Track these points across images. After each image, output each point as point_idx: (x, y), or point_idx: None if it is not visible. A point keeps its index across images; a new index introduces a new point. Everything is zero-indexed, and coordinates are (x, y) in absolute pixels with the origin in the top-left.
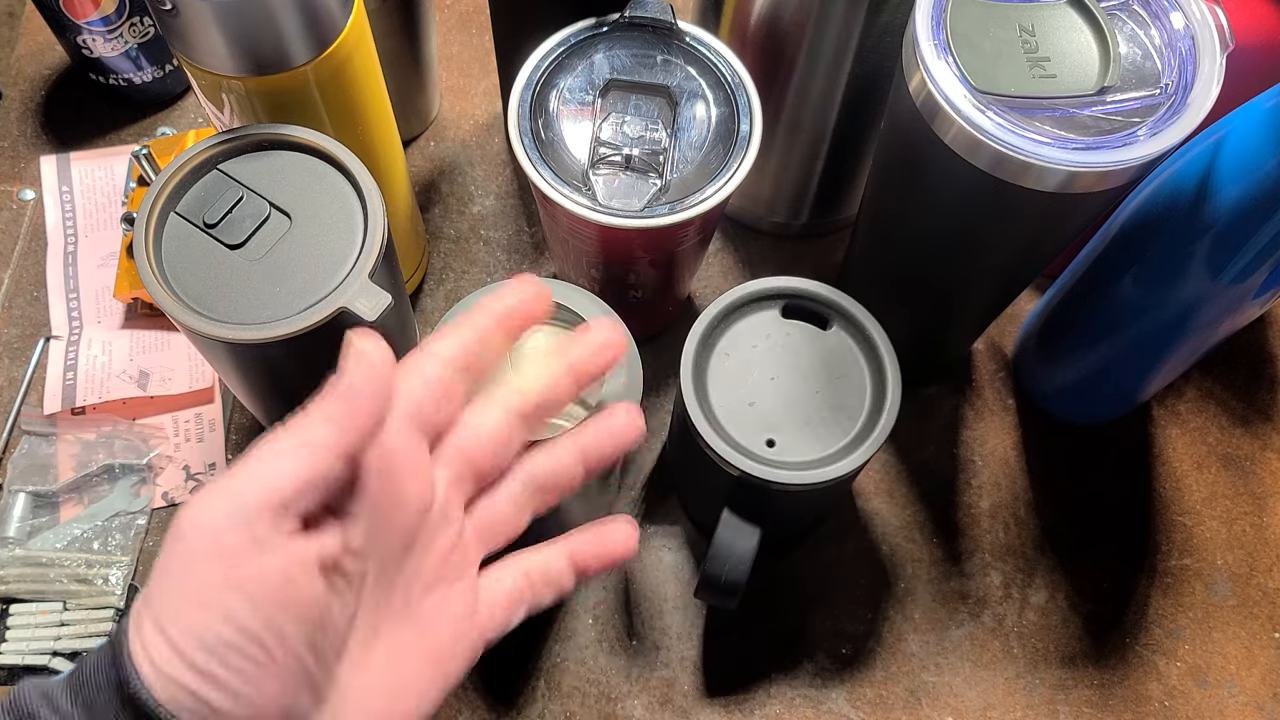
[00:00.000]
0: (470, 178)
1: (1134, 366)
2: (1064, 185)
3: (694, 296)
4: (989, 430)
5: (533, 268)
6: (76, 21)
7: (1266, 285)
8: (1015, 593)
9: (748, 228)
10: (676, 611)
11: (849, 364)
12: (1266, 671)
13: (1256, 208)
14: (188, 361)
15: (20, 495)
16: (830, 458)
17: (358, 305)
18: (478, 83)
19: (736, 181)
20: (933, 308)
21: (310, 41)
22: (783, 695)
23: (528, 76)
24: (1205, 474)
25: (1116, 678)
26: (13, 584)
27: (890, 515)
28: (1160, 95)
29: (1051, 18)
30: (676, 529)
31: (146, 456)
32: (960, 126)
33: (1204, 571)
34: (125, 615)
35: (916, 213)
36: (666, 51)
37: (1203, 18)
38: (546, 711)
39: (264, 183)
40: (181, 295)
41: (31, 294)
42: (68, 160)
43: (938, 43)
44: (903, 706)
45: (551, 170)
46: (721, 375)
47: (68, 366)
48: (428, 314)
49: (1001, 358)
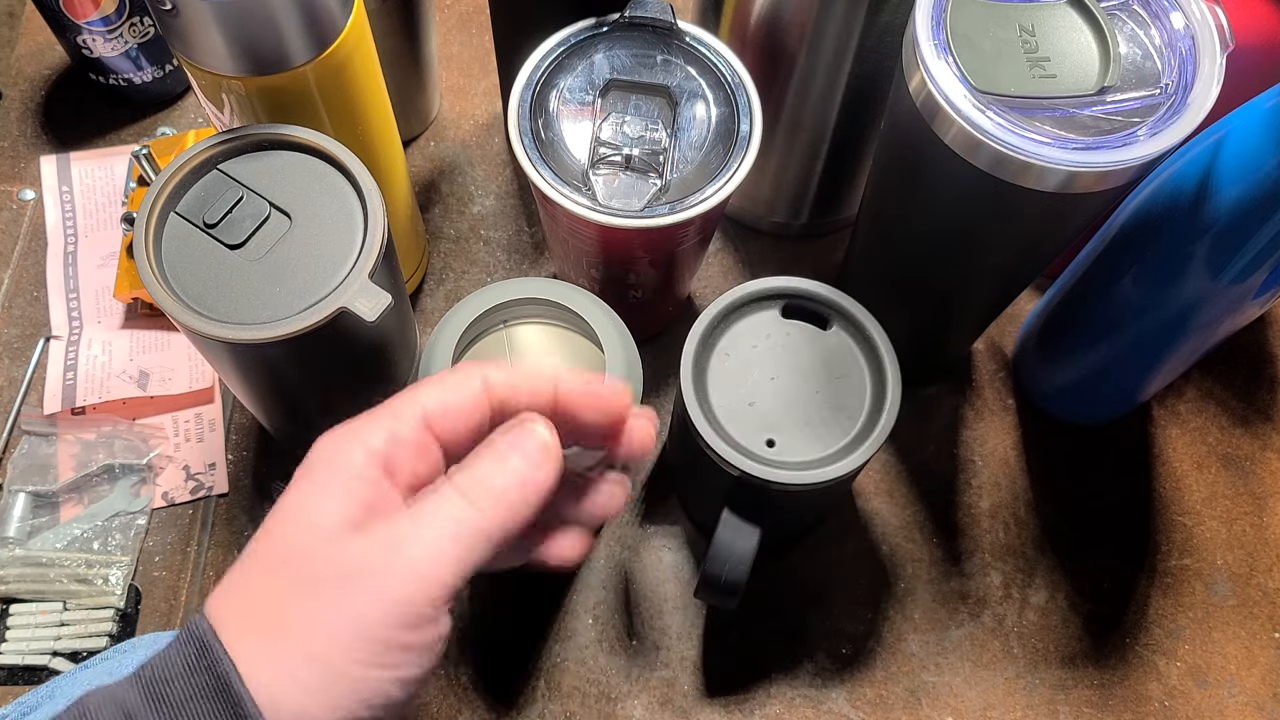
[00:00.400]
0: (470, 178)
1: (1134, 366)
2: (1064, 185)
3: (694, 296)
4: (989, 430)
5: (533, 268)
6: (76, 21)
7: (1266, 285)
8: (1015, 593)
9: (748, 228)
10: (676, 611)
11: (849, 364)
12: (1266, 671)
13: (1256, 208)
14: (188, 361)
15: (20, 495)
16: (830, 458)
17: (358, 305)
18: (478, 83)
19: (736, 181)
20: (933, 308)
21: (310, 41)
22: (783, 695)
23: (528, 76)
24: (1205, 474)
25: (1116, 678)
26: (13, 584)
27: (890, 515)
28: (1160, 95)
29: (1051, 18)
30: (676, 529)
31: (146, 456)
32: (960, 126)
33: (1204, 571)
34: (206, 623)
35: (916, 213)
36: (666, 51)
37: (1203, 18)
38: (546, 711)
39: (264, 183)
40: (181, 295)
41: (31, 294)
42: (68, 160)
43: (938, 43)
44: (903, 706)
45: (551, 170)
46: (721, 375)
47: (68, 366)
48: (428, 314)
49: (1001, 358)
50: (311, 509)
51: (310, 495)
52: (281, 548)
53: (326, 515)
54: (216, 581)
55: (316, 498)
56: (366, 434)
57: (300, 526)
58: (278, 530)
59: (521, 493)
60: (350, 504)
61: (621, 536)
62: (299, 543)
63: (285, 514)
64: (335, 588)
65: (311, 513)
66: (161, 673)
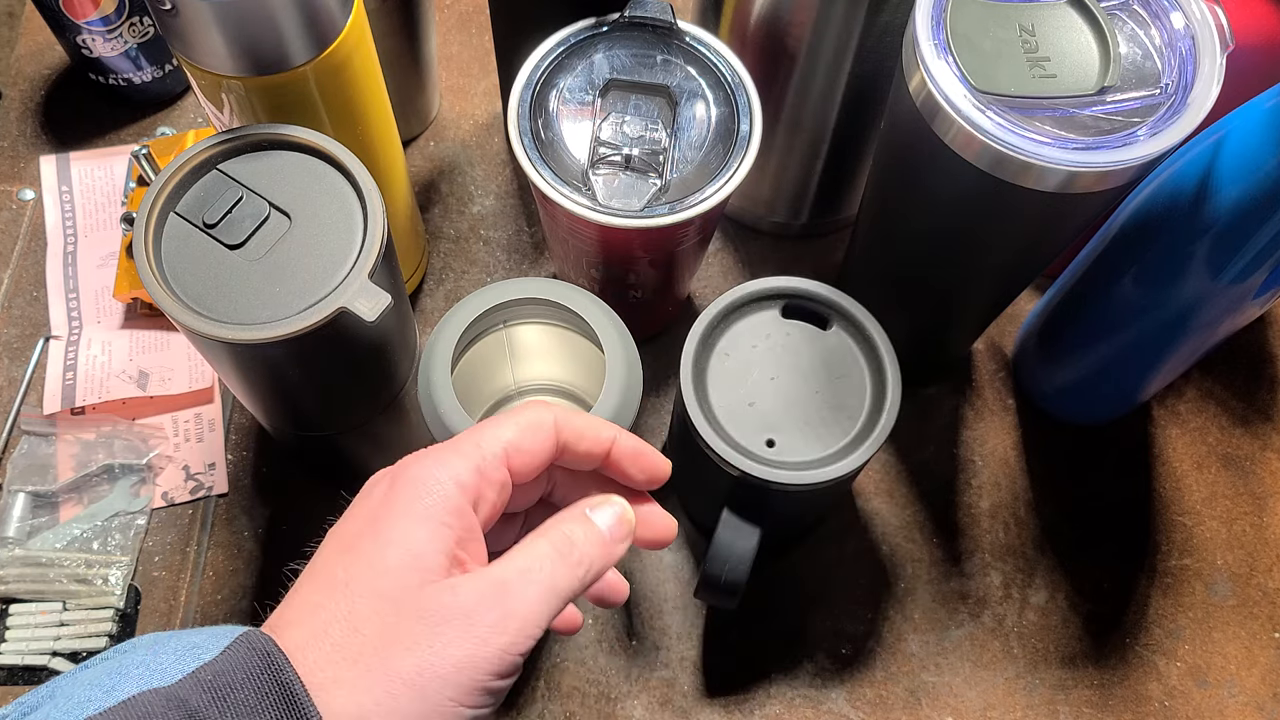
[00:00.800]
0: (470, 178)
1: (1134, 366)
2: (1064, 185)
3: (694, 296)
4: (989, 430)
5: (533, 268)
6: (76, 21)
7: (1266, 285)
8: (1015, 593)
9: (748, 228)
10: (676, 611)
11: (849, 364)
12: (1266, 671)
13: (1256, 208)
14: (187, 361)
15: (20, 495)
16: (830, 458)
17: (357, 305)
18: (478, 83)
19: (736, 181)
20: (933, 308)
21: (310, 41)
22: (783, 695)
23: (528, 76)
24: (1205, 474)
25: (1116, 678)
26: (12, 584)
27: (890, 515)
28: (1160, 95)
29: (1052, 17)
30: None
31: (146, 456)
32: (960, 126)
33: (1204, 571)
34: (274, 645)
35: (916, 213)
36: (666, 51)
37: (1203, 18)
38: (546, 711)
39: (264, 183)
40: (181, 295)
41: (31, 294)
42: (67, 160)
43: (938, 42)
44: (903, 706)
45: (551, 170)
46: (721, 375)
47: (67, 366)
48: (427, 314)
49: (1001, 358)
50: (413, 542)
51: (409, 527)
52: (381, 579)
53: (428, 550)
54: (216, 581)
55: (416, 530)
56: (455, 466)
57: (403, 561)
58: (374, 557)
59: (604, 562)
60: (449, 540)
61: None
62: (400, 576)
63: (383, 543)
64: (443, 625)
65: (413, 545)
66: (224, 679)
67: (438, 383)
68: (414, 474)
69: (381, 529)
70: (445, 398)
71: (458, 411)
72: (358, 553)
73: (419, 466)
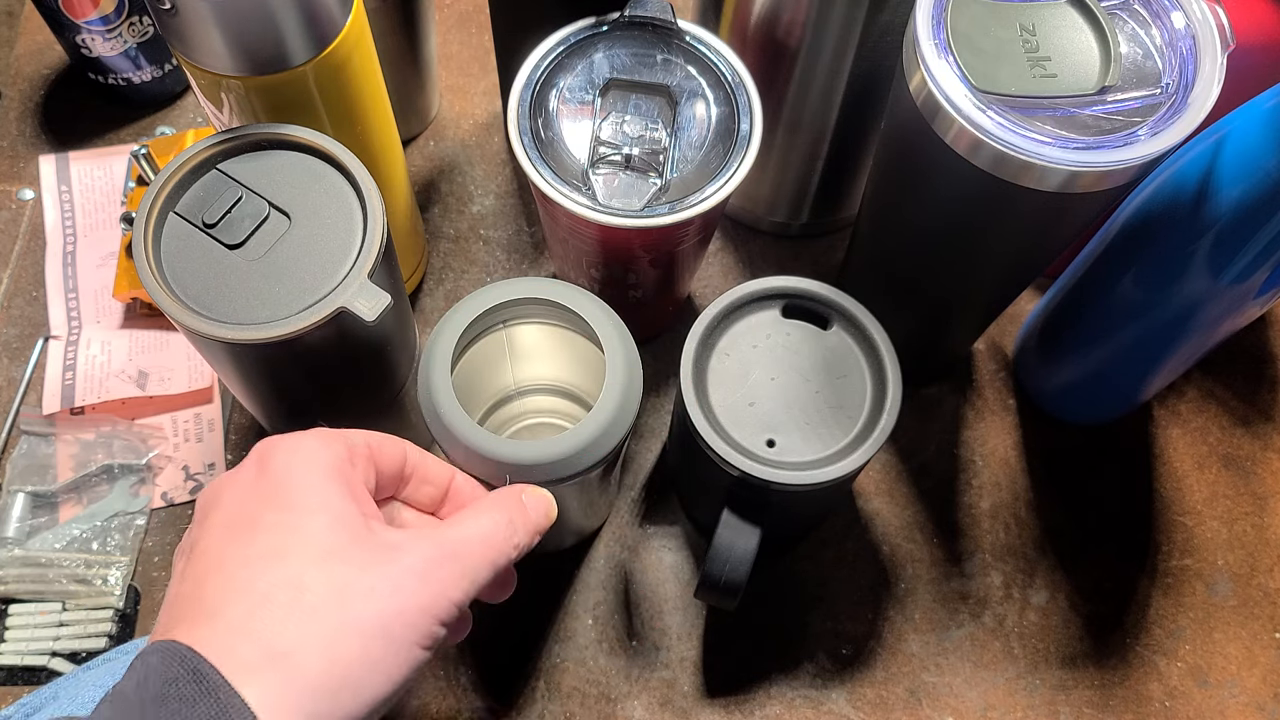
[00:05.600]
0: (470, 177)
1: (1134, 366)
2: (1064, 185)
3: (694, 296)
4: (989, 430)
5: (532, 268)
6: (75, 21)
7: (1267, 285)
8: (1016, 593)
9: (748, 228)
10: (676, 611)
11: (849, 364)
12: (1267, 671)
13: (1257, 208)
14: (187, 361)
15: (19, 495)
16: (830, 458)
17: (357, 305)
18: (478, 82)
19: (736, 181)
20: (933, 307)
21: (309, 41)
22: (783, 695)
23: (528, 76)
24: (1206, 474)
25: (1117, 678)
26: (12, 584)
27: (890, 515)
28: (1161, 95)
29: (1052, 17)
30: (676, 529)
31: (145, 457)
32: (961, 126)
33: (1205, 571)
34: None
35: (917, 212)
36: (666, 51)
37: (1203, 17)
38: (546, 712)
39: (263, 182)
40: (181, 295)
41: (30, 294)
42: (67, 160)
43: (938, 42)
44: (903, 707)
45: (551, 170)
46: (721, 375)
47: (67, 366)
48: (427, 314)
49: (1001, 358)
50: (332, 503)
51: (321, 490)
52: (316, 540)
53: (348, 509)
54: None
55: (328, 492)
56: (321, 438)
57: (330, 522)
58: (299, 523)
59: (530, 541)
60: (358, 497)
61: (621, 537)
62: (332, 536)
63: (301, 510)
64: (405, 577)
65: (333, 506)
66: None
67: (437, 383)
68: (288, 446)
69: (294, 499)
70: (445, 398)
71: (457, 412)
72: (276, 526)
73: (290, 441)
